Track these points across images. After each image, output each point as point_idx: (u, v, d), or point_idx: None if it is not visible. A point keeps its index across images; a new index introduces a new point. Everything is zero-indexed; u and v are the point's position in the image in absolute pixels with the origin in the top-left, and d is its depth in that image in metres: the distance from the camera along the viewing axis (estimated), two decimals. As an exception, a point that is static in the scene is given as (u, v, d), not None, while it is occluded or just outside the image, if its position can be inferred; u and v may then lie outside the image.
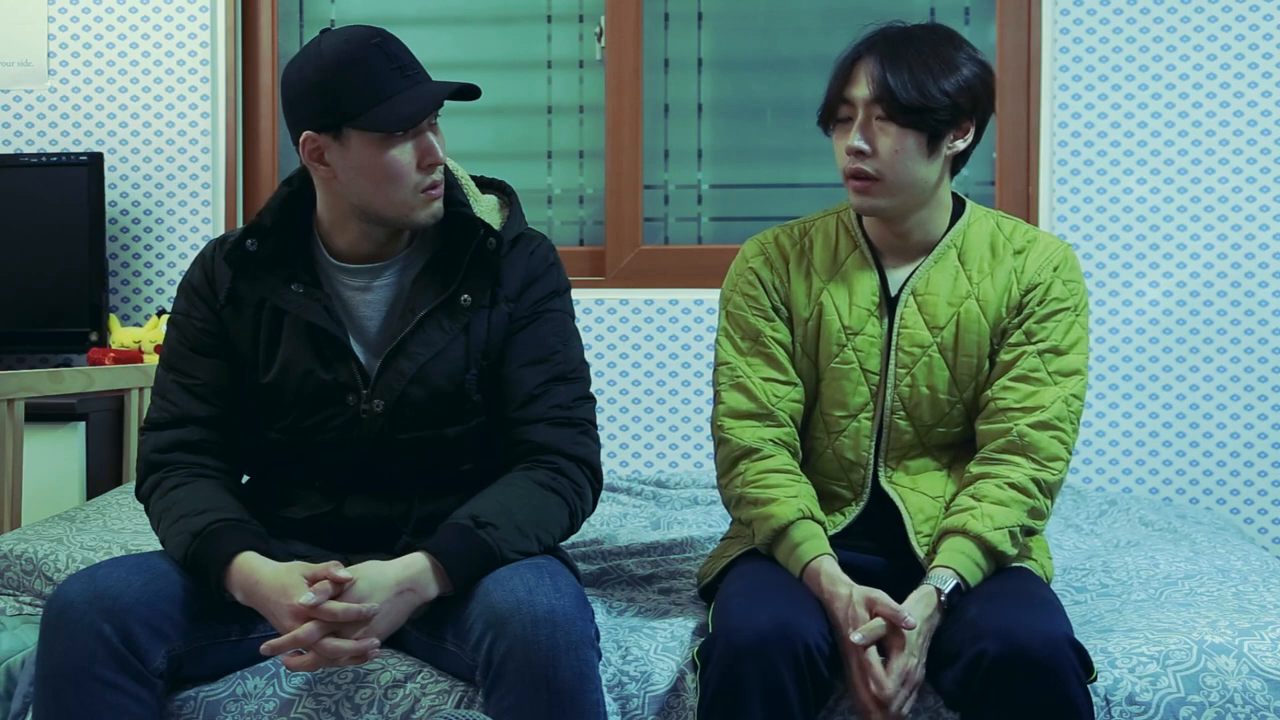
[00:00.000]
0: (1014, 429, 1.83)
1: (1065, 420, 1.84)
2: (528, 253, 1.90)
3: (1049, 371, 1.85)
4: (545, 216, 3.44)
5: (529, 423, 1.85)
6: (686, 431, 3.25)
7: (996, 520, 1.77)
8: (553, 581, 1.66)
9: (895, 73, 1.79)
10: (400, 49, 1.80)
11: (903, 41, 1.82)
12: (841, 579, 1.74)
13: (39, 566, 2.12)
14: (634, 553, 2.37)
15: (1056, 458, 1.83)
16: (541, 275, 1.90)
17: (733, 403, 1.91)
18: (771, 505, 1.82)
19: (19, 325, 3.22)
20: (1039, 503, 1.81)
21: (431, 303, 1.83)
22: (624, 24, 3.34)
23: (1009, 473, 1.81)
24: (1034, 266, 1.88)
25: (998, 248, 1.90)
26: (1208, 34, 3.13)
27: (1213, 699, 1.69)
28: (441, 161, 1.82)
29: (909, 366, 1.88)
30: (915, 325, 1.88)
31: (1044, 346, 1.86)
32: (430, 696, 1.74)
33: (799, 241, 1.96)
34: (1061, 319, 1.86)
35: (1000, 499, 1.79)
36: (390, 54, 1.77)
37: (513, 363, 1.87)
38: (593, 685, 1.63)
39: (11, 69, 3.39)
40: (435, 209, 1.83)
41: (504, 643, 1.61)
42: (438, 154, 1.80)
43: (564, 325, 1.92)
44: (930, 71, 1.79)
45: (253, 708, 1.75)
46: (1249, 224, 3.12)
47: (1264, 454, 3.12)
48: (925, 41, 1.82)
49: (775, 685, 1.62)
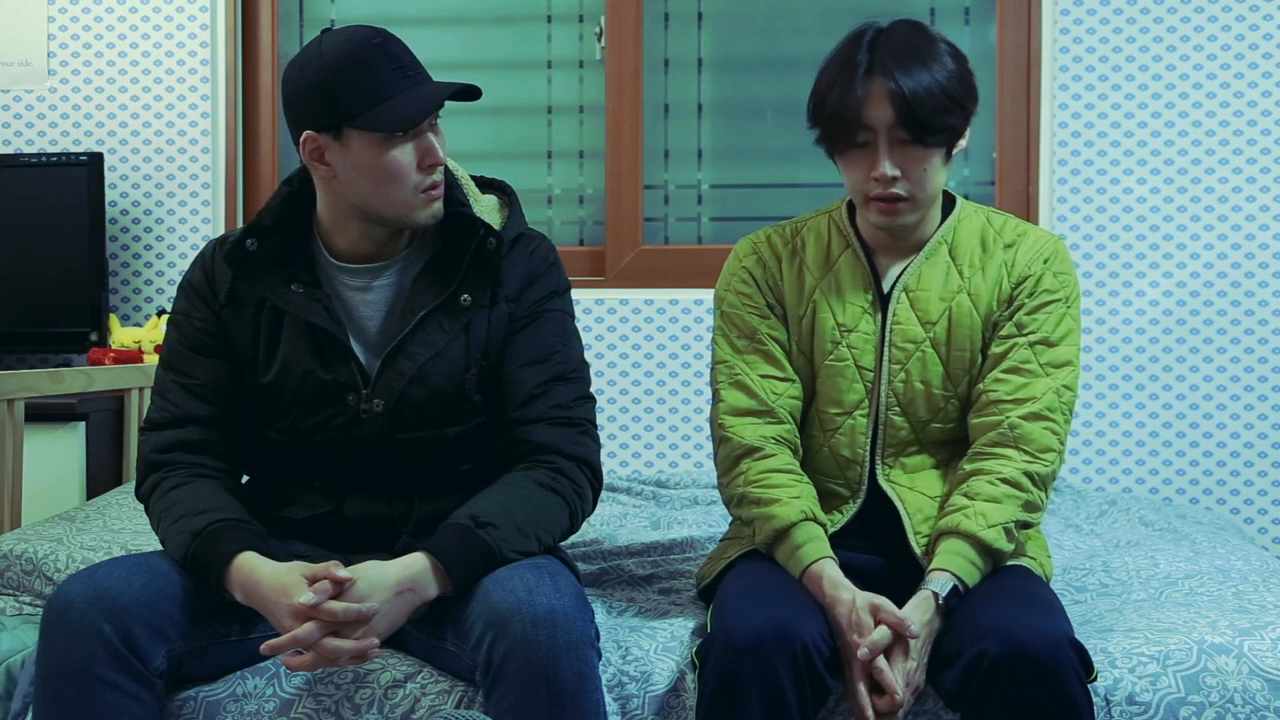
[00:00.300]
0: (1005, 421, 1.83)
1: (1057, 411, 1.83)
2: (528, 253, 1.90)
3: (1040, 363, 1.85)
4: (545, 216, 3.44)
5: (529, 423, 1.85)
6: (686, 431, 3.25)
7: (990, 518, 1.77)
8: (553, 581, 1.66)
9: (913, 92, 1.76)
10: (401, 49, 1.79)
11: (903, 53, 1.79)
12: (843, 583, 1.74)
13: (39, 566, 2.12)
14: (634, 553, 2.37)
15: (1048, 449, 1.83)
16: (541, 275, 1.90)
17: (732, 400, 1.91)
18: (774, 506, 1.81)
19: (19, 325, 3.22)
20: (1033, 495, 1.81)
21: (431, 303, 1.83)
22: (624, 24, 3.34)
23: (1000, 467, 1.81)
24: (1024, 259, 1.88)
25: (988, 242, 1.90)
26: (1208, 34, 3.13)
27: (1213, 699, 1.69)
28: (442, 162, 1.82)
29: (902, 362, 1.88)
30: (908, 321, 1.88)
31: (1035, 338, 1.85)
32: (430, 696, 1.74)
33: (790, 240, 1.96)
34: (1052, 310, 1.86)
35: (993, 495, 1.79)
36: (391, 54, 1.77)
37: (513, 362, 1.87)
38: (593, 685, 1.63)
39: (11, 69, 3.39)
40: (435, 209, 1.83)
41: (504, 643, 1.61)
42: (438, 154, 1.80)
43: (564, 325, 1.92)
44: (939, 83, 1.77)
45: (253, 708, 1.75)
46: (1249, 224, 3.12)
47: (1264, 454, 3.12)
48: (918, 47, 1.80)
49: (773, 685, 1.62)
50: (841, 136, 1.81)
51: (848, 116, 1.79)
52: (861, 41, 1.82)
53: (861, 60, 1.80)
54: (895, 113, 1.77)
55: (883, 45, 1.80)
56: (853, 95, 1.79)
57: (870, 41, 1.82)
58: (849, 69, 1.80)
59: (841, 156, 1.84)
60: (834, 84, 1.81)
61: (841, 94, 1.80)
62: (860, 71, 1.79)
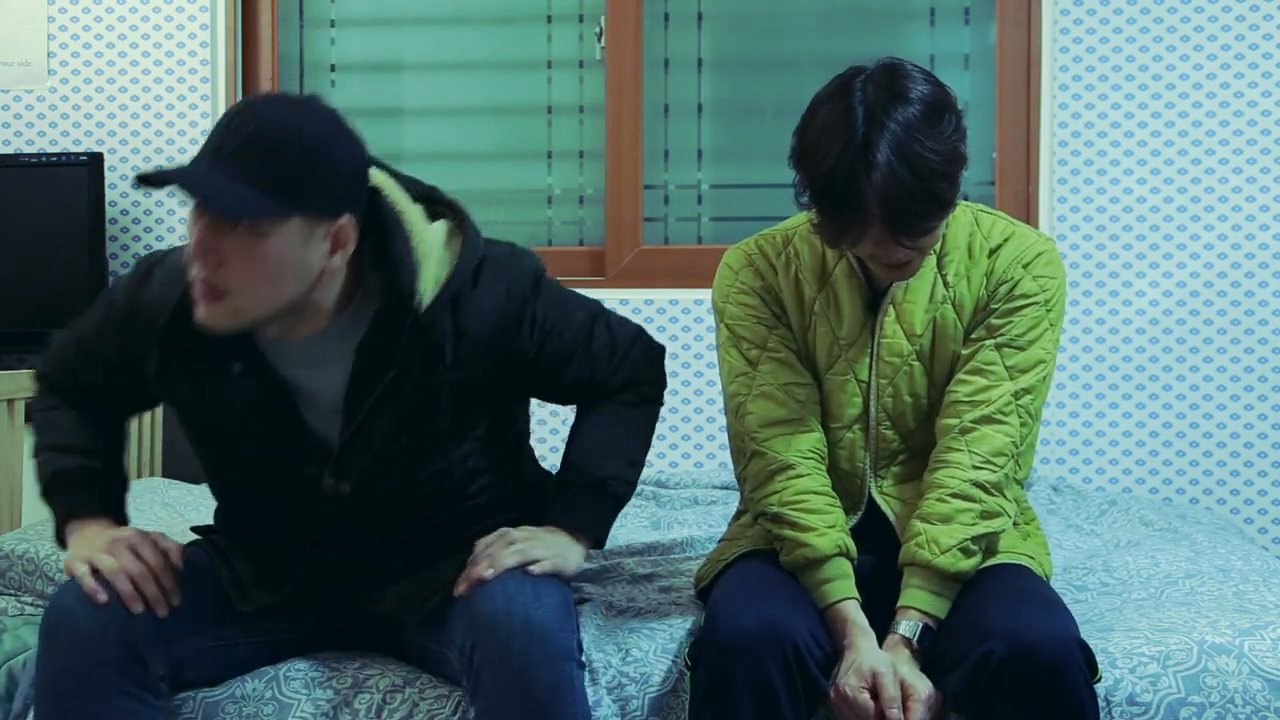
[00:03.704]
0: (958, 424, 1.80)
1: (1013, 414, 1.79)
2: (503, 290, 1.73)
3: (1005, 365, 1.81)
4: (545, 216, 3.44)
5: (608, 393, 1.89)
6: (686, 431, 3.25)
7: (942, 543, 1.74)
8: (534, 591, 1.64)
9: (908, 226, 1.67)
10: (221, 127, 1.56)
11: (901, 199, 1.64)
12: (862, 629, 1.72)
13: (40, 566, 2.12)
14: (634, 552, 2.37)
15: (999, 453, 1.78)
16: (523, 307, 1.74)
17: (762, 412, 1.86)
18: (810, 534, 1.78)
19: (19, 325, 3.22)
20: (987, 504, 1.77)
21: (378, 387, 1.68)
22: (624, 24, 3.34)
23: (949, 479, 1.78)
24: (1004, 264, 1.84)
25: (975, 249, 1.86)
26: (1208, 34, 3.13)
27: (1213, 699, 1.69)
28: (194, 259, 1.57)
29: (890, 377, 1.86)
30: (894, 334, 1.85)
31: (1002, 340, 1.82)
32: (428, 702, 1.74)
33: (783, 250, 1.91)
34: (1026, 313, 1.82)
35: (944, 514, 1.76)
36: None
37: (554, 377, 1.84)
38: (570, 698, 1.60)
39: (11, 69, 3.39)
40: (199, 313, 1.59)
41: (480, 652, 1.60)
42: (192, 247, 1.57)
43: (565, 315, 1.81)
44: (931, 196, 1.66)
45: (251, 710, 1.75)
46: (1249, 224, 3.12)
47: (1264, 454, 3.12)
48: (910, 154, 1.65)
49: (765, 685, 1.62)
50: (835, 242, 1.75)
51: (844, 235, 1.71)
52: (855, 147, 1.65)
53: (861, 211, 1.67)
54: (895, 239, 1.69)
55: (891, 195, 1.65)
56: (853, 225, 1.68)
57: (861, 146, 1.65)
58: (846, 213, 1.68)
59: None
60: (826, 194, 1.69)
61: (835, 217, 1.70)
62: (860, 219, 1.67)
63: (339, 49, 3.48)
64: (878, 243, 1.71)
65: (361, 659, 1.82)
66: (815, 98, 1.74)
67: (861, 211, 1.66)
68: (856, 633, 1.71)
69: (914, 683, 1.66)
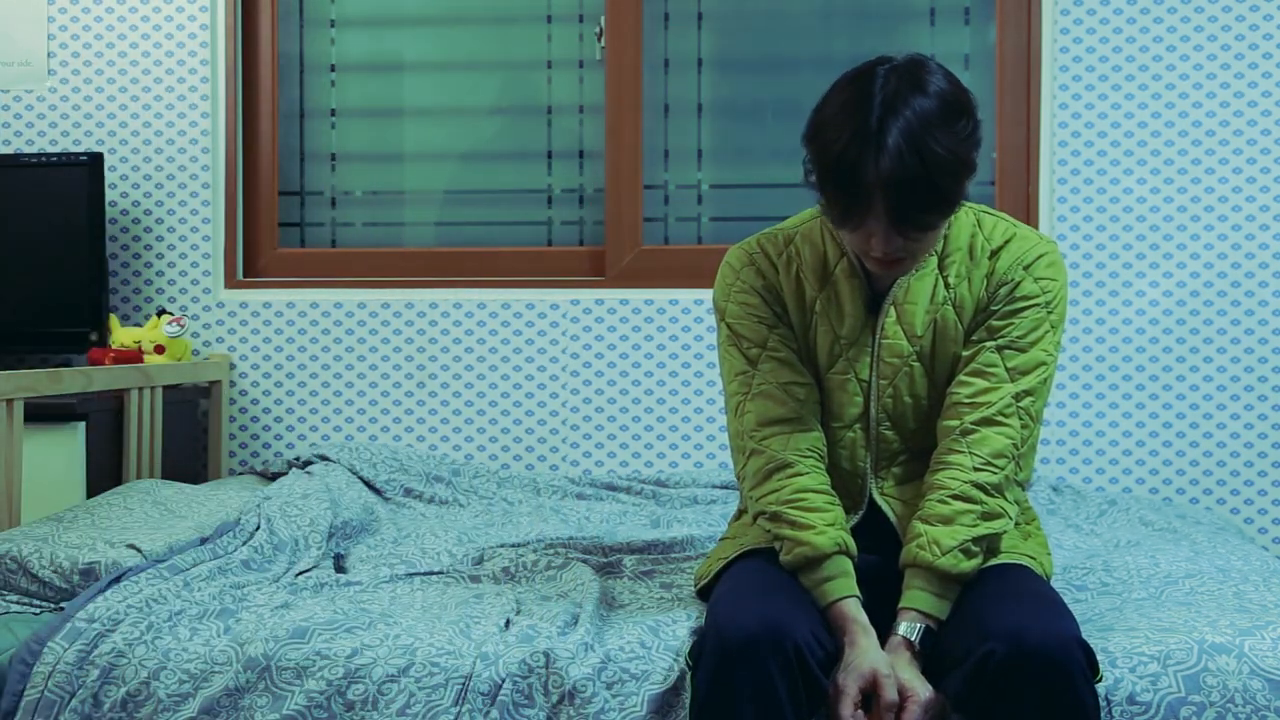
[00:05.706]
0: (959, 425, 1.81)
1: (1013, 416, 1.80)
2: None
3: (1006, 367, 1.82)
4: (545, 216, 3.44)
5: None
6: (686, 431, 3.25)
7: (943, 544, 1.74)
8: None
9: (914, 217, 1.68)
10: None
11: (904, 170, 1.64)
12: (863, 627, 1.72)
13: (24, 564, 2.13)
14: (634, 550, 2.37)
15: (1000, 455, 1.79)
16: None
17: (761, 411, 1.87)
18: (808, 533, 1.78)
19: (19, 325, 3.22)
20: (988, 505, 1.78)
21: None
22: (624, 24, 3.34)
23: (950, 480, 1.78)
24: (1004, 266, 1.85)
25: (976, 250, 1.87)
26: (1208, 34, 3.13)
27: (1213, 699, 1.69)
28: None
29: (890, 378, 1.86)
30: (895, 335, 1.86)
31: (1003, 342, 1.83)
32: (425, 691, 1.74)
33: (784, 249, 1.92)
34: (1027, 315, 1.83)
35: (945, 516, 1.76)
36: None
37: None
38: None
39: (11, 69, 3.39)
40: None
41: None
42: None
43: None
44: (941, 193, 1.67)
45: (246, 702, 1.76)
46: (1249, 224, 3.12)
47: (1264, 454, 3.12)
48: (924, 149, 1.65)
49: (765, 685, 1.62)
50: (838, 224, 1.75)
51: (847, 219, 1.72)
52: (869, 130, 1.66)
53: (865, 201, 1.68)
54: (896, 228, 1.70)
55: (898, 190, 1.67)
56: (856, 208, 1.69)
57: (874, 131, 1.66)
58: (853, 202, 1.69)
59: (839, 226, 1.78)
60: (833, 175, 1.69)
61: (842, 199, 1.70)
62: (856, 189, 1.68)
63: (339, 49, 3.48)
64: (877, 233, 1.71)
65: (353, 645, 1.82)
66: (837, 81, 1.75)
67: (866, 195, 1.66)
68: (858, 631, 1.72)
69: (913, 685, 1.66)
